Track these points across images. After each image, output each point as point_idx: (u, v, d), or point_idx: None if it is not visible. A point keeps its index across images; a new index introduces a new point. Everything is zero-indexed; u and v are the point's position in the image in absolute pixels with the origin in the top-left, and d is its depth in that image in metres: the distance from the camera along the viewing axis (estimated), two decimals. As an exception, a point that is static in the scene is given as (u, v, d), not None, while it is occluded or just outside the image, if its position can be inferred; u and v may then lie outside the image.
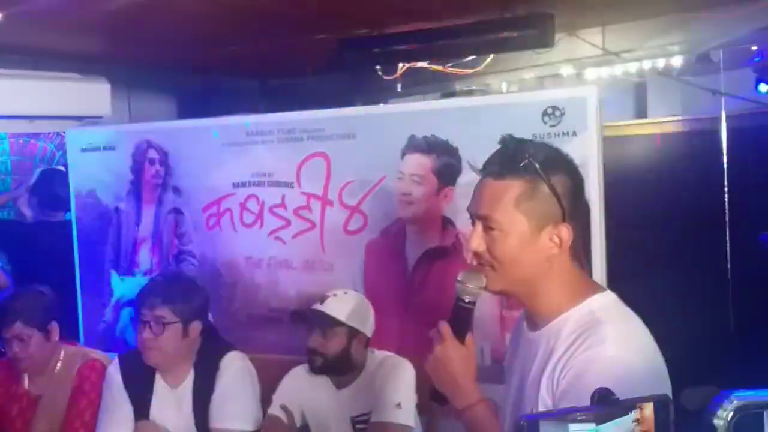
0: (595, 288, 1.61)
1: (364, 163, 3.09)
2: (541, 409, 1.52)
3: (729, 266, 3.95)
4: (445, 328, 1.59)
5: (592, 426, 1.21)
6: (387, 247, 3.07)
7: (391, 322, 2.99)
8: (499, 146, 1.58)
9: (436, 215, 2.97)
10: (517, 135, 1.62)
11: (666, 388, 1.47)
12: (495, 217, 1.53)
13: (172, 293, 2.60)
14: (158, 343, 2.56)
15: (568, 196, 1.54)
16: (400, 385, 2.56)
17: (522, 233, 1.52)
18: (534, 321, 1.61)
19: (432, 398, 1.64)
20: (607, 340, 1.46)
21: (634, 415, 1.24)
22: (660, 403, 1.18)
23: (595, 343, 1.46)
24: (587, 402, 1.44)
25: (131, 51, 4.14)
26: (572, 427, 1.21)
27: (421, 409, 2.63)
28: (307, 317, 2.61)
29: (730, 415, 0.82)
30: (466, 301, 1.59)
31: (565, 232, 1.53)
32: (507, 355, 1.81)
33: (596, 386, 1.39)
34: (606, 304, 1.56)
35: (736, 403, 0.83)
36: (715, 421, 0.84)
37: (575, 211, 1.56)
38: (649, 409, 1.23)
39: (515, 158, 1.54)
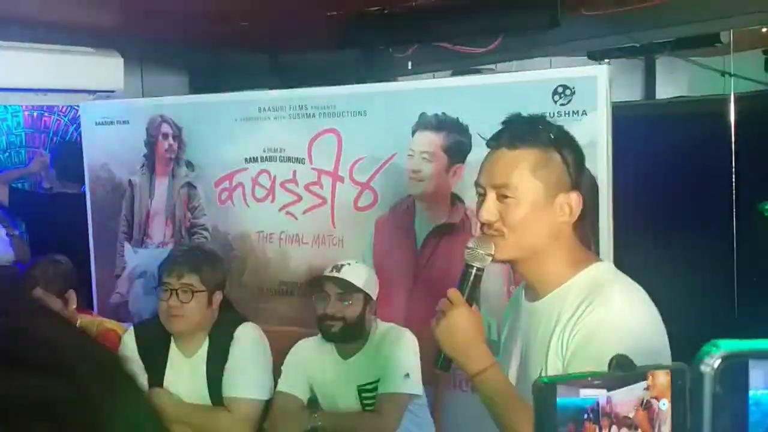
0: (594, 258, 1.70)
1: (375, 140, 3.12)
2: (550, 371, 1.57)
3: (735, 246, 3.98)
4: (455, 293, 1.64)
5: (603, 392, 1.26)
6: (396, 223, 3.11)
7: (399, 298, 3.05)
8: (503, 124, 1.66)
9: (446, 192, 3.00)
10: (528, 113, 1.72)
11: (667, 347, 1.56)
12: (512, 184, 1.59)
13: (200, 262, 2.66)
14: (184, 311, 2.62)
15: (575, 167, 1.63)
16: (406, 355, 2.61)
17: (537, 200, 1.59)
18: (536, 291, 1.67)
19: (437, 366, 1.66)
20: (613, 301, 1.54)
21: (646, 382, 1.29)
22: (677, 371, 1.23)
23: (601, 304, 1.54)
24: (599, 361, 1.50)
25: (143, 25, 4.16)
26: (583, 391, 1.26)
27: (426, 380, 2.68)
28: (325, 284, 2.66)
29: (717, 362, 0.88)
30: (475, 266, 1.64)
31: (576, 199, 1.61)
32: (504, 328, 1.86)
33: (607, 345, 1.45)
34: (606, 270, 1.66)
35: (722, 351, 0.88)
36: (702, 368, 0.90)
37: (580, 183, 1.64)
38: (661, 376, 1.27)
39: (530, 130, 1.62)
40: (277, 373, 2.75)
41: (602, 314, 1.53)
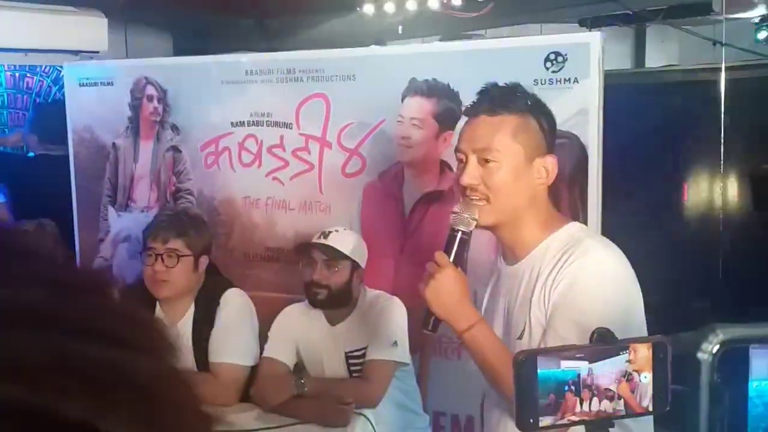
0: (567, 219, 1.80)
1: (364, 106, 3.08)
2: (534, 326, 1.66)
3: (721, 216, 3.99)
4: (442, 256, 1.70)
5: (584, 364, 1.25)
6: (385, 190, 3.09)
7: (387, 264, 3.03)
8: (479, 93, 1.76)
9: (435, 159, 2.98)
10: (519, 80, 1.82)
11: (641, 300, 1.67)
12: (495, 148, 1.68)
13: (185, 227, 2.64)
14: (170, 275, 2.59)
15: (549, 132, 1.75)
16: (394, 323, 2.61)
17: (518, 163, 1.69)
18: (514, 253, 1.75)
19: (425, 327, 1.73)
20: (591, 251, 1.64)
21: (627, 355, 1.28)
22: (658, 344, 1.22)
23: (580, 255, 1.63)
24: (581, 309, 1.55)
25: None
26: (564, 363, 1.25)
27: (412, 348, 2.68)
28: (312, 250, 2.65)
29: (716, 348, 0.85)
30: (461, 230, 1.69)
31: (551, 162, 1.72)
32: (485, 294, 1.92)
33: (587, 291, 1.56)
34: (580, 228, 1.78)
35: (721, 336, 0.85)
36: (700, 355, 0.86)
37: (554, 147, 1.76)
38: (642, 349, 1.27)
39: (508, 97, 1.73)
40: (263, 338, 2.73)
41: (581, 264, 1.62)
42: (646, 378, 1.24)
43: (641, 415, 1.31)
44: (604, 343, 1.25)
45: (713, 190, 4.06)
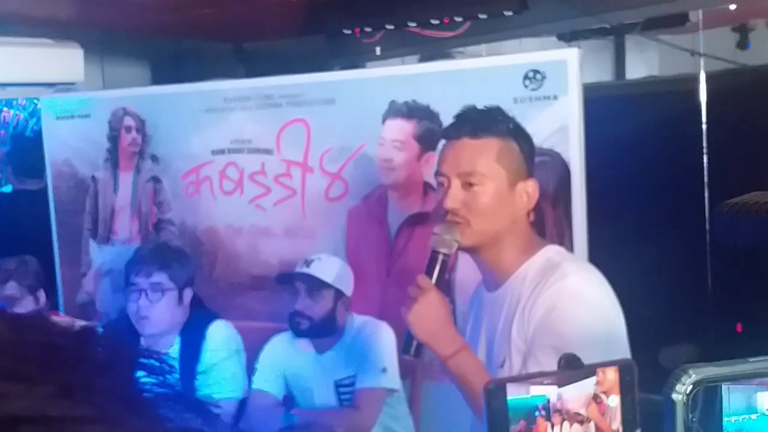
0: (545, 242, 1.79)
1: (345, 129, 3.06)
2: (514, 354, 1.64)
3: (707, 227, 3.99)
4: (424, 278, 1.68)
5: (554, 389, 1.24)
6: (369, 213, 3.06)
7: (373, 289, 3.00)
8: (456, 117, 1.76)
9: (418, 181, 2.96)
10: (499, 99, 1.87)
11: (623, 321, 1.66)
12: (479, 171, 1.67)
13: (167, 260, 2.60)
14: (154, 311, 2.55)
15: (529, 156, 1.75)
16: (382, 349, 2.58)
17: (501, 187, 1.68)
18: (494, 280, 1.73)
19: (407, 352, 1.69)
20: (568, 276, 1.63)
21: (595, 378, 1.28)
22: (625, 367, 1.22)
23: (558, 279, 1.62)
24: (561, 335, 1.54)
25: (103, 15, 4.05)
26: (533, 389, 1.24)
27: (403, 372, 2.65)
28: (294, 280, 2.61)
29: (689, 389, 0.83)
30: (442, 252, 1.67)
31: (533, 187, 1.72)
32: (469, 320, 1.91)
33: (565, 319, 1.54)
34: (559, 251, 1.76)
35: (693, 377, 0.84)
36: (674, 396, 0.85)
37: (533, 171, 1.76)
38: (610, 372, 1.26)
39: (490, 120, 1.72)
40: (251, 370, 2.70)
41: (558, 288, 1.60)
42: (614, 401, 1.24)
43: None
44: (570, 368, 1.24)
45: (697, 202, 4.05)
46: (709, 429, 0.83)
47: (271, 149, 3.22)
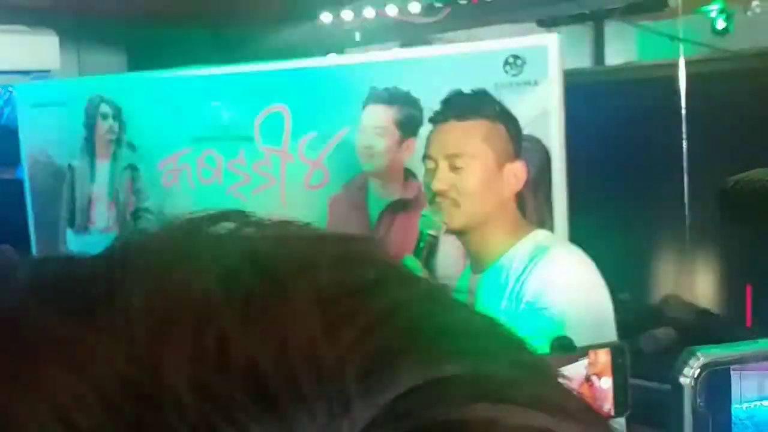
0: (534, 226, 1.81)
1: (325, 116, 3.04)
2: None
3: (687, 212, 4.01)
4: (412, 260, 1.69)
5: None
6: (350, 201, 3.04)
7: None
8: (443, 103, 1.76)
9: (399, 168, 2.94)
10: (479, 84, 1.84)
11: (610, 305, 1.66)
12: (467, 153, 1.67)
13: None
14: None
15: (516, 138, 1.75)
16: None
17: (489, 168, 1.68)
18: (481, 262, 1.73)
19: None
20: (557, 259, 1.64)
21: (587, 360, 1.28)
22: (616, 348, 1.22)
23: (547, 263, 1.63)
24: (550, 314, 1.54)
25: (78, 1, 4.00)
26: None
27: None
28: None
29: (697, 372, 0.81)
30: (431, 234, 1.69)
31: (520, 168, 1.72)
32: None
33: (554, 302, 1.53)
34: (547, 235, 1.79)
35: (702, 359, 0.82)
36: (682, 380, 0.83)
37: (520, 153, 1.77)
38: (602, 354, 1.26)
39: (477, 103, 1.72)
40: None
41: (548, 272, 1.61)
42: (606, 383, 1.24)
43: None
44: (563, 350, 1.24)
45: (677, 187, 4.07)
46: (719, 415, 0.80)
47: (250, 137, 3.19)
